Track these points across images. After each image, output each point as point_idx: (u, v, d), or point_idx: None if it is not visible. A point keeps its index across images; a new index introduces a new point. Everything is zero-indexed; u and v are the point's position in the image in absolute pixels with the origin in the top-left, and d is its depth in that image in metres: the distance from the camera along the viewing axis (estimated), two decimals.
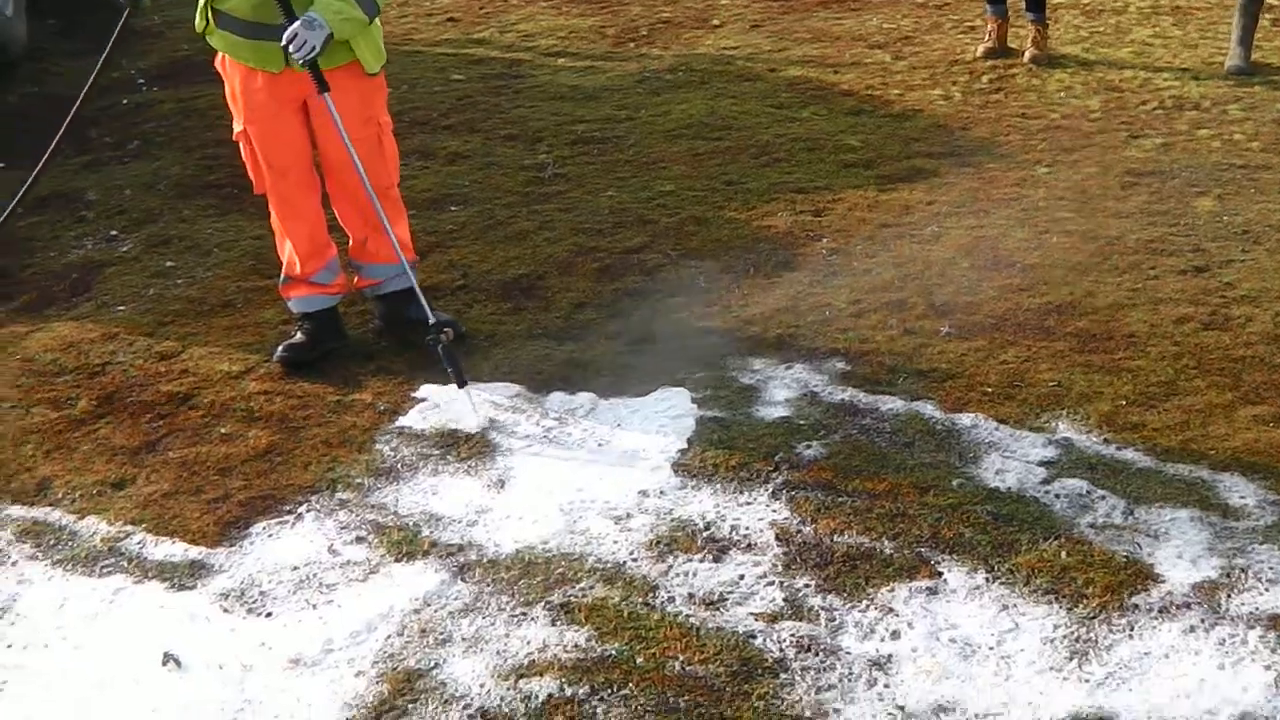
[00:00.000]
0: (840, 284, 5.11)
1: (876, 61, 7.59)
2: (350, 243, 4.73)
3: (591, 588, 3.57)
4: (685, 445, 4.14)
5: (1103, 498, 3.88)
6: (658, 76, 7.47)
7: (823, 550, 3.70)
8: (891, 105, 6.90)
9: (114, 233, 5.76)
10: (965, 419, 4.27)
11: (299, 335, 4.65)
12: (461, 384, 4.25)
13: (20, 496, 4.04)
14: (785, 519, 3.82)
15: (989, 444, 4.15)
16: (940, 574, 3.61)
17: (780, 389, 4.45)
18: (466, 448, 4.16)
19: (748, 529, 3.79)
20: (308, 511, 3.90)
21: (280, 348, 4.61)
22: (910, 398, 4.37)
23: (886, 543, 3.72)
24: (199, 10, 4.33)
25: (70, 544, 3.83)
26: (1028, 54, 7.43)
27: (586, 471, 4.05)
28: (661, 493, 3.94)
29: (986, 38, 7.61)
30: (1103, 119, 6.62)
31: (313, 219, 4.60)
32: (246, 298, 5.15)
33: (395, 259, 4.62)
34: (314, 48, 4.10)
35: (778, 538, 3.75)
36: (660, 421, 4.28)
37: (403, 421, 4.31)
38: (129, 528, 3.87)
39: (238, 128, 4.47)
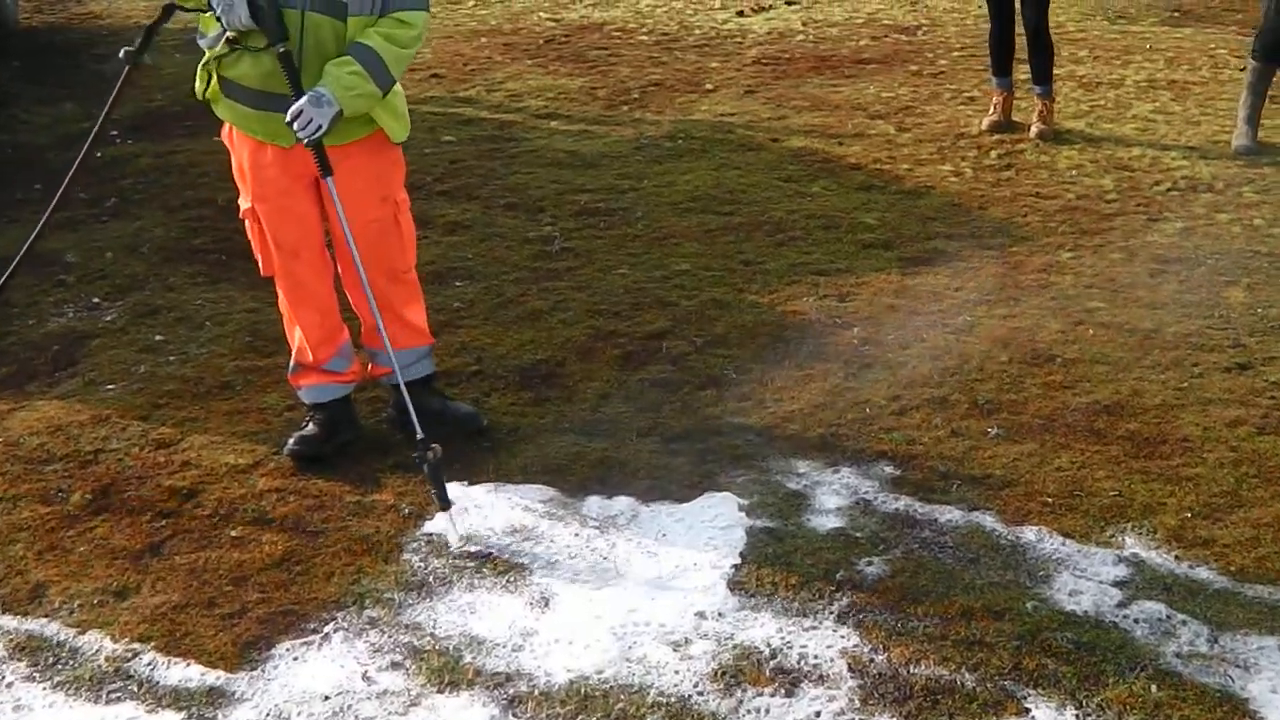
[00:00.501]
0: (877, 378, 4.87)
1: (880, 133, 7.41)
2: (363, 328, 4.41)
3: None
4: (739, 560, 3.87)
5: (1184, 623, 3.65)
6: (656, 144, 7.23)
7: (900, 683, 3.43)
8: (902, 181, 6.71)
9: (96, 300, 5.41)
10: (1029, 533, 4.03)
11: (311, 427, 4.32)
12: (445, 507, 3.94)
13: (12, 605, 3.68)
14: (855, 646, 3.55)
15: (1057, 561, 3.91)
16: (1028, 710, 3.36)
17: (830, 496, 4.19)
18: (503, 560, 3.85)
19: (817, 658, 3.51)
20: (335, 631, 3.57)
21: (292, 440, 4.28)
22: (968, 508, 4.13)
23: (966, 674, 3.45)
24: (199, 73, 4.01)
25: (71, 663, 3.47)
26: (1034, 129, 7.28)
27: (636, 590, 3.76)
28: (720, 615, 3.66)
29: (992, 110, 7.46)
30: (1119, 200, 6.46)
31: (325, 303, 4.28)
32: (246, 379, 4.81)
33: (413, 343, 4.33)
34: (320, 127, 3.80)
35: (850, 668, 3.48)
36: (709, 533, 4.00)
37: (430, 527, 4.00)
38: (136, 645, 3.52)
39: (245, 204, 4.16)
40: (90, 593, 3.71)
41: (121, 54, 4.16)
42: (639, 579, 3.80)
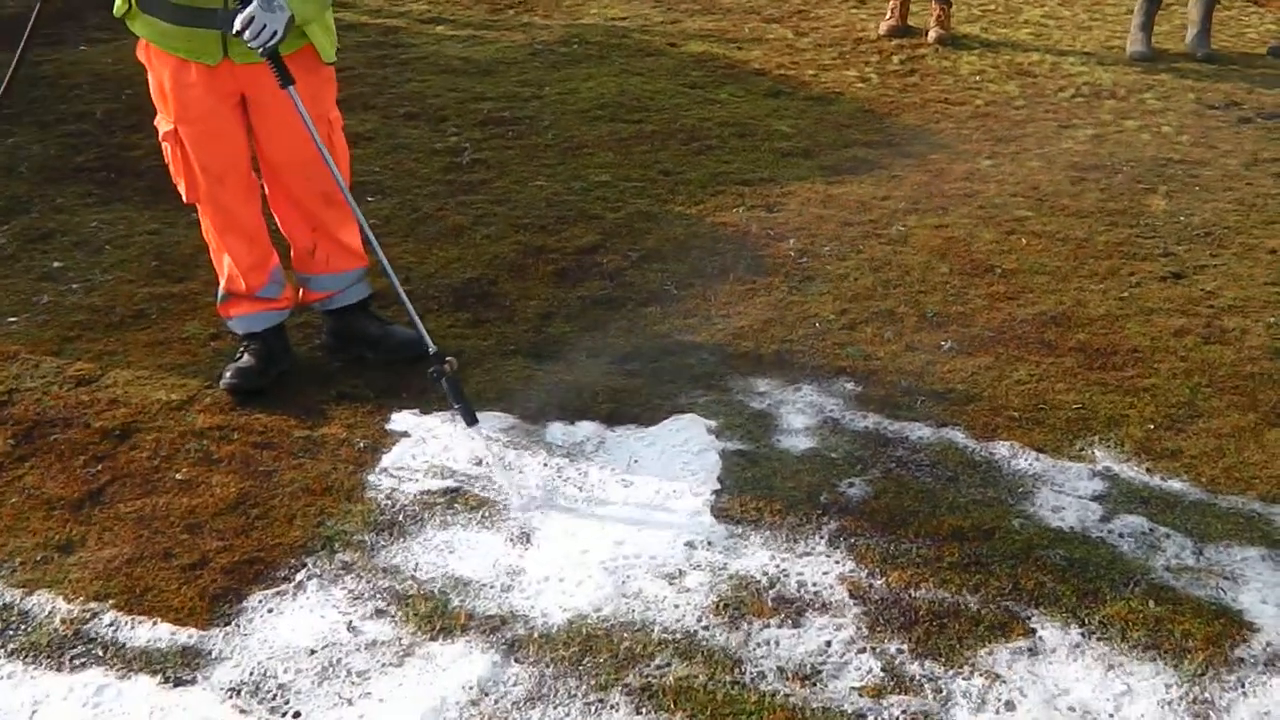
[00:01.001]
0: (821, 291, 4.74)
1: (779, 38, 7.24)
2: (293, 253, 4.11)
3: (668, 665, 3.12)
4: (718, 486, 3.72)
5: (1168, 536, 3.63)
6: (551, 49, 6.95)
7: (904, 608, 3.34)
8: (809, 87, 6.56)
9: None
10: (1001, 448, 3.96)
11: (246, 358, 4.02)
12: (472, 422, 3.69)
13: None
14: (852, 572, 3.44)
15: (1034, 477, 3.86)
16: (1034, 631, 3.30)
17: (796, 415, 4.06)
18: (474, 494, 3.63)
19: (816, 585, 3.40)
20: (308, 579, 3.33)
21: (228, 374, 3.98)
22: (936, 424, 4.05)
23: (968, 596, 3.37)
24: None
25: (23, 628, 3.17)
26: (933, 33, 7.20)
27: (619, 521, 3.59)
28: (709, 544, 3.51)
29: (889, 15, 7.36)
30: (1027, 107, 6.43)
31: (253, 228, 3.98)
32: (160, 307, 4.47)
33: (348, 267, 4.07)
34: (275, 33, 3.47)
35: (852, 595, 3.37)
36: (682, 458, 3.84)
37: (388, 460, 3.76)
38: (93, 604, 3.22)
39: (166, 127, 3.80)
40: (31, 549, 3.39)
41: None
42: (619, 509, 3.63)
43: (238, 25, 3.45)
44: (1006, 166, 5.76)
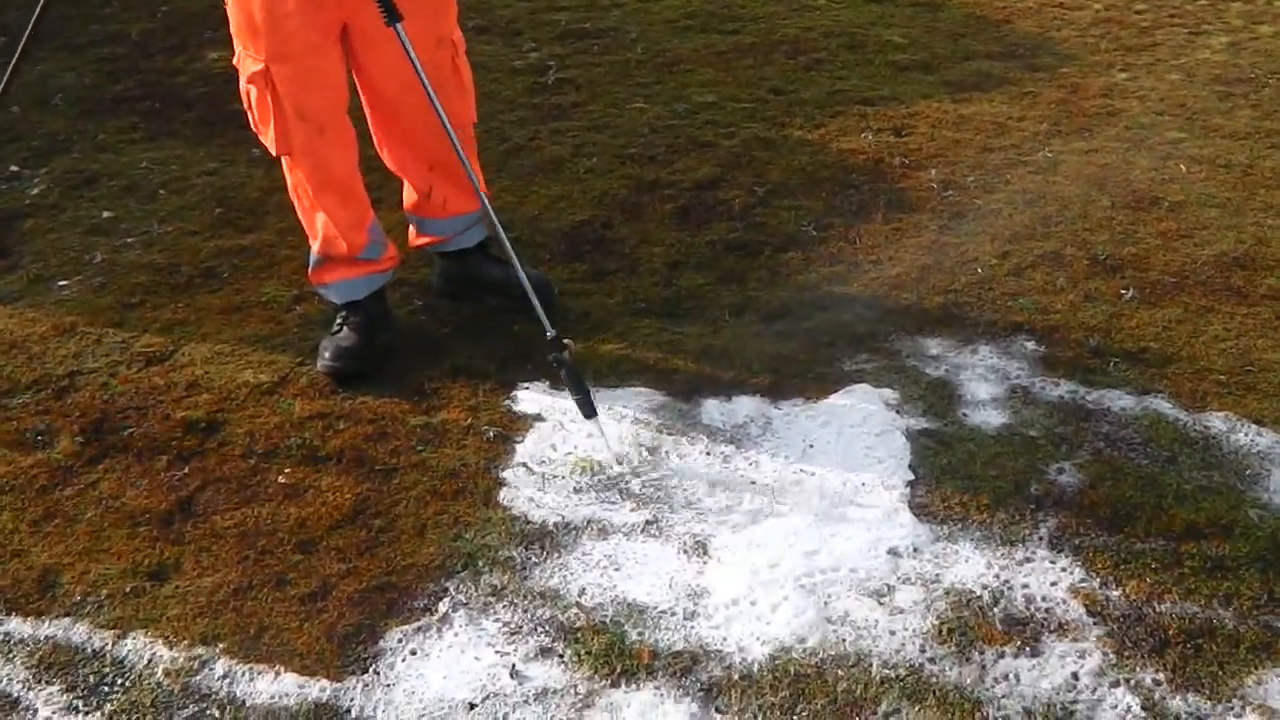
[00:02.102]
0: (975, 230, 4.19)
1: None
2: (407, 196, 3.56)
3: (898, 710, 2.63)
4: (911, 476, 3.20)
5: None
6: None
7: (1150, 626, 2.84)
8: None
9: (14, 168, 4.34)
10: (1215, 420, 3.44)
11: (345, 332, 3.47)
12: (590, 414, 3.16)
13: (19, 602, 2.82)
14: (1084, 582, 2.93)
15: (1259, 455, 3.35)
16: None
17: (979, 383, 3.54)
18: (633, 493, 3.10)
19: (1047, 600, 2.89)
20: (453, 609, 2.81)
21: (326, 353, 3.43)
22: (1138, 391, 3.53)
23: (1220, 609, 2.87)
24: None
25: (121, 682, 2.65)
26: None
27: (805, 524, 3.06)
28: (915, 550, 2.99)
29: None
30: (1150, 11, 5.84)
31: (352, 182, 3.44)
32: (232, 264, 3.91)
33: (468, 209, 3.60)
34: None
35: (1089, 611, 2.87)
36: (865, 441, 3.31)
37: (525, 452, 3.23)
38: (200, 650, 2.71)
39: (252, 67, 3.20)
40: (117, 576, 2.86)
41: None
42: (804, 508, 3.11)
43: None
44: (1145, 80, 5.17)
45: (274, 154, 3.33)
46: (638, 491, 3.12)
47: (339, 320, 3.49)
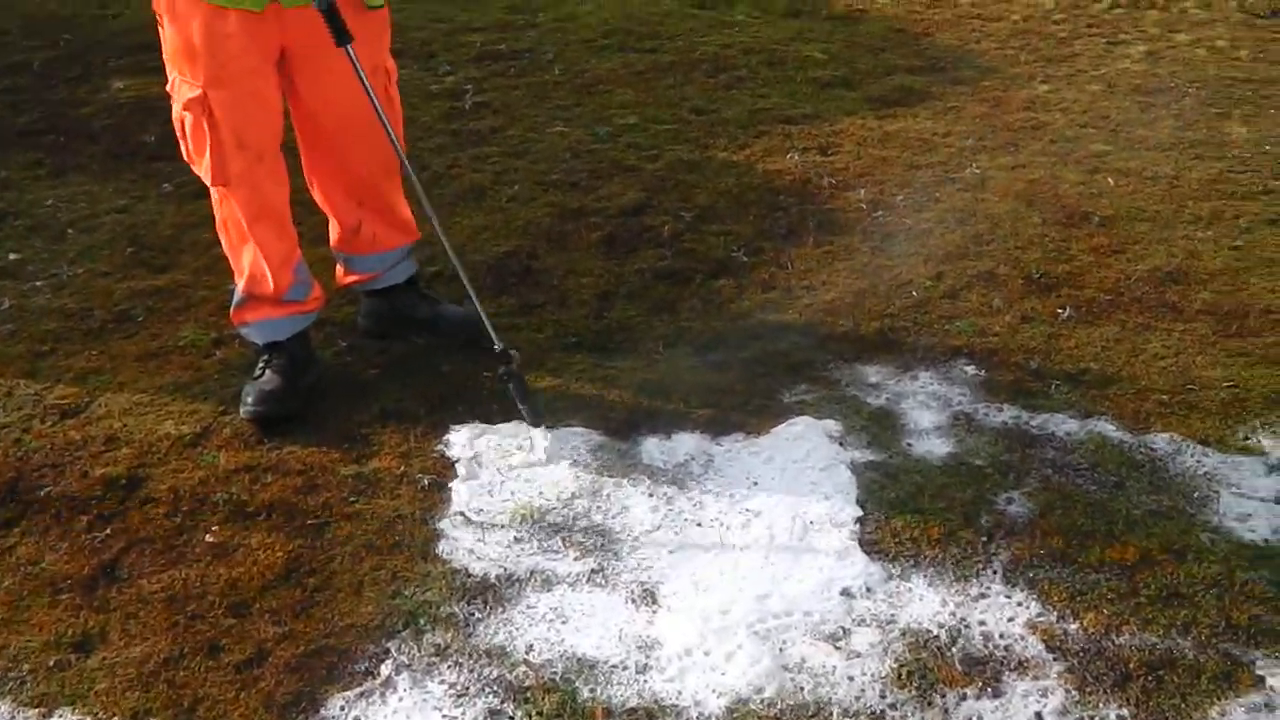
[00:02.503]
0: (909, 251, 4.14)
1: None
2: (335, 232, 3.43)
3: None
4: (859, 511, 3.12)
5: None
6: None
7: (1111, 660, 2.79)
8: (830, 3, 5.92)
9: None
10: (1160, 441, 3.42)
11: (268, 375, 3.33)
12: (536, 424, 3.18)
13: None
14: (1041, 616, 2.88)
15: (1206, 476, 3.32)
16: (1263, 679, 2.77)
17: (922, 411, 3.48)
18: (575, 538, 3.00)
19: (1005, 637, 2.83)
20: (396, 671, 2.68)
21: (249, 398, 3.29)
22: (1081, 413, 3.49)
23: (1179, 639, 2.83)
24: None
25: None
26: None
27: (754, 565, 2.98)
28: (869, 590, 2.92)
29: None
30: (1067, 21, 5.85)
31: (284, 215, 3.32)
32: (146, 306, 3.75)
33: (397, 244, 3.51)
34: None
35: (1048, 646, 2.81)
36: (810, 476, 3.24)
37: (461, 500, 3.11)
38: None
39: (188, 93, 3.08)
40: (41, 650, 2.70)
41: None
42: (751, 550, 3.02)
43: None
44: (1066, 92, 5.17)
45: (209, 184, 3.20)
46: (581, 539, 3.02)
47: (261, 363, 3.36)
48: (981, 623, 2.86)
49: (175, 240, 4.07)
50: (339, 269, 3.56)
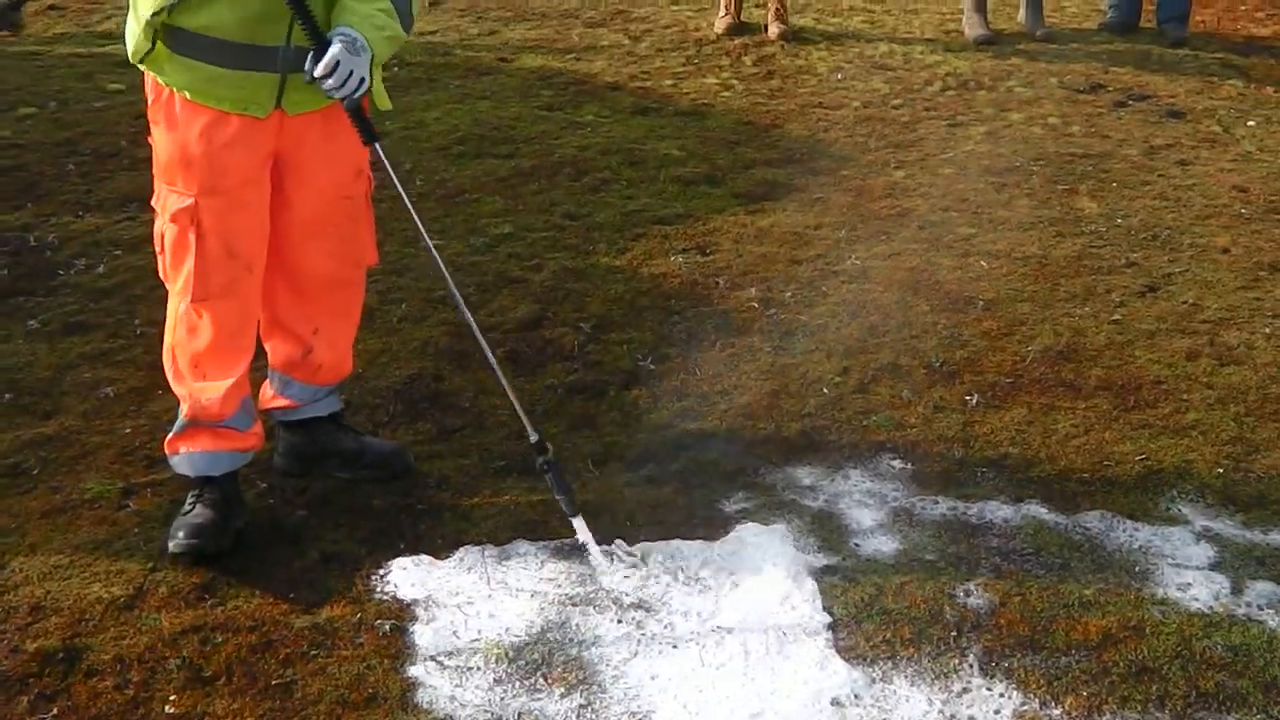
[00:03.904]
0: (810, 348, 4.18)
1: (614, 44, 6.62)
2: (283, 354, 3.32)
3: None
4: (828, 617, 3.11)
5: None
6: None
7: None
8: (674, 100, 5.98)
9: None
10: (1092, 520, 3.53)
11: (199, 509, 3.18)
12: (574, 513, 3.15)
13: None
14: (1024, 705, 2.92)
15: (1142, 551, 3.44)
16: None
17: (860, 510, 3.51)
18: (556, 673, 2.91)
19: None
20: None
21: (180, 533, 3.14)
22: (1012, 499, 3.58)
23: (1157, 714, 2.91)
24: (141, 28, 2.85)
25: None
26: (773, 29, 6.72)
27: (739, 684, 2.93)
28: (856, 698, 2.90)
29: (723, 12, 6.82)
30: (905, 106, 6.04)
31: (253, 336, 3.25)
32: (40, 457, 3.52)
33: (334, 380, 3.39)
34: (362, 80, 2.86)
35: None
36: (772, 587, 3.22)
37: (427, 643, 2.99)
38: None
39: (178, 204, 3.00)
40: None
41: None
42: (733, 668, 2.98)
43: (320, 70, 2.81)
44: (921, 177, 5.32)
45: (191, 301, 3.07)
46: (562, 674, 2.92)
47: (191, 498, 3.21)
48: (971, 718, 2.86)
49: (55, 382, 3.84)
50: (266, 389, 3.42)
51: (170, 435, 3.23)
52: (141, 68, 2.99)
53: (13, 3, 2.62)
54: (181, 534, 3.13)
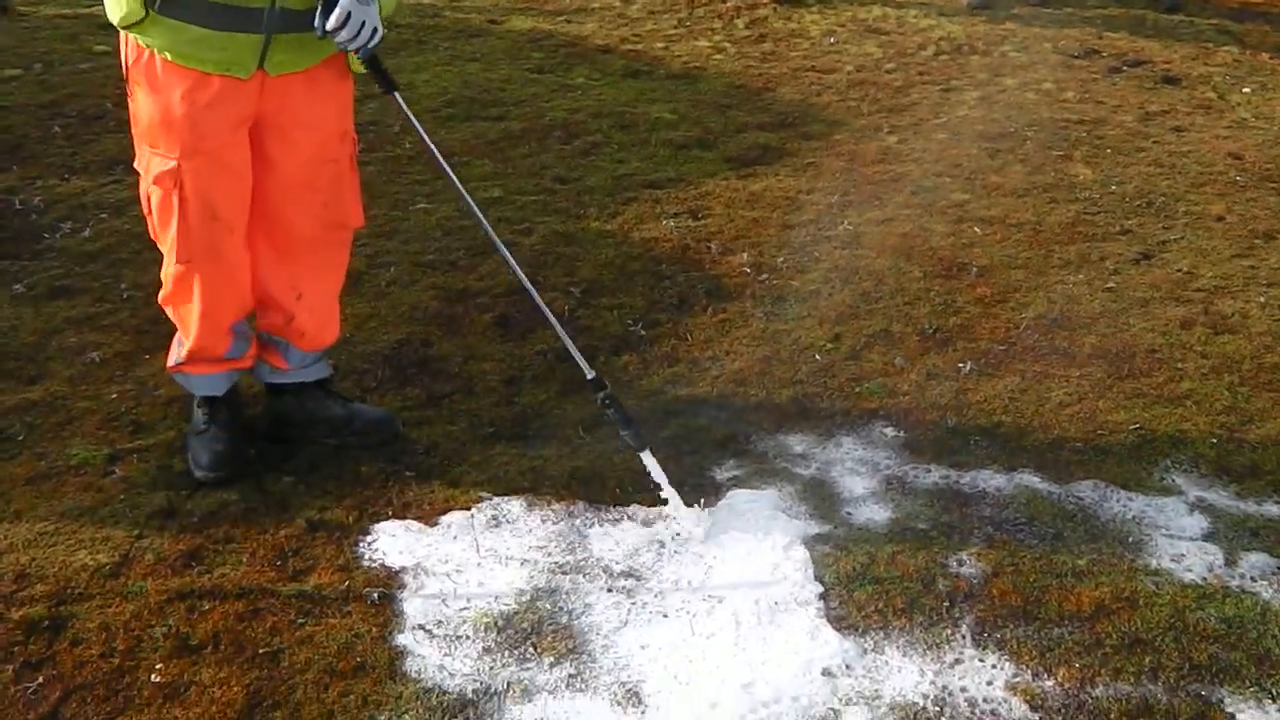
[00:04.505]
0: (802, 314, 4.14)
1: (606, 6, 6.57)
2: (268, 317, 3.32)
3: None
4: (819, 586, 3.08)
5: None
6: None
7: (1091, 713, 2.82)
8: (665, 63, 5.91)
9: None
10: (1085, 489, 3.50)
11: (213, 432, 3.26)
12: (642, 447, 3.20)
13: None
14: (1016, 677, 2.89)
15: (1136, 521, 3.41)
16: (1233, 716, 2.84)
17: (853, 478, 3.48)
18: (546, 643, 2.88)
19: (989, 700, 2.84)
20: None
21: (203, 459, 3.27)
22: (1005, 468, 3.55)
23: (1150, 685, 2.88)
24: None
25: None
26: None
27: (730, 652, 2.91)
28: (848, 668, 2.88)
29: None
30: (899, 70, 5.98)
31: (245, 288, 3.25)
32: (25, 423, 3.48)
33: (321, 344, 3.39)
34: (376, 30, 2.86)
35: (1031, 706, 2.82)
36: (764, 556, 3.20)
37: (416, 611, 2.96)
38: None
39: (161, 166, 3.00)
40: None
41: None
42: (724, 638, 2.95)
43: (331, 23, 2.80)
44: (915, 142, 5.27)
45: (176, 261, 3.10)
46: (551, 643, 2.90)
47: (204, 416, 3.31)
48: (964, 689, 2.85)
49: (40, 347, 3.80)
50: (254, 349, 3.40)
51: (170, 361, 3.32)
52: (124, 31, 2.94)
53: None
54: (205, 461, 3.24)
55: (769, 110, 5.47)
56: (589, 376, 3.21)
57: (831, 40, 6.26)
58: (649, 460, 3.21)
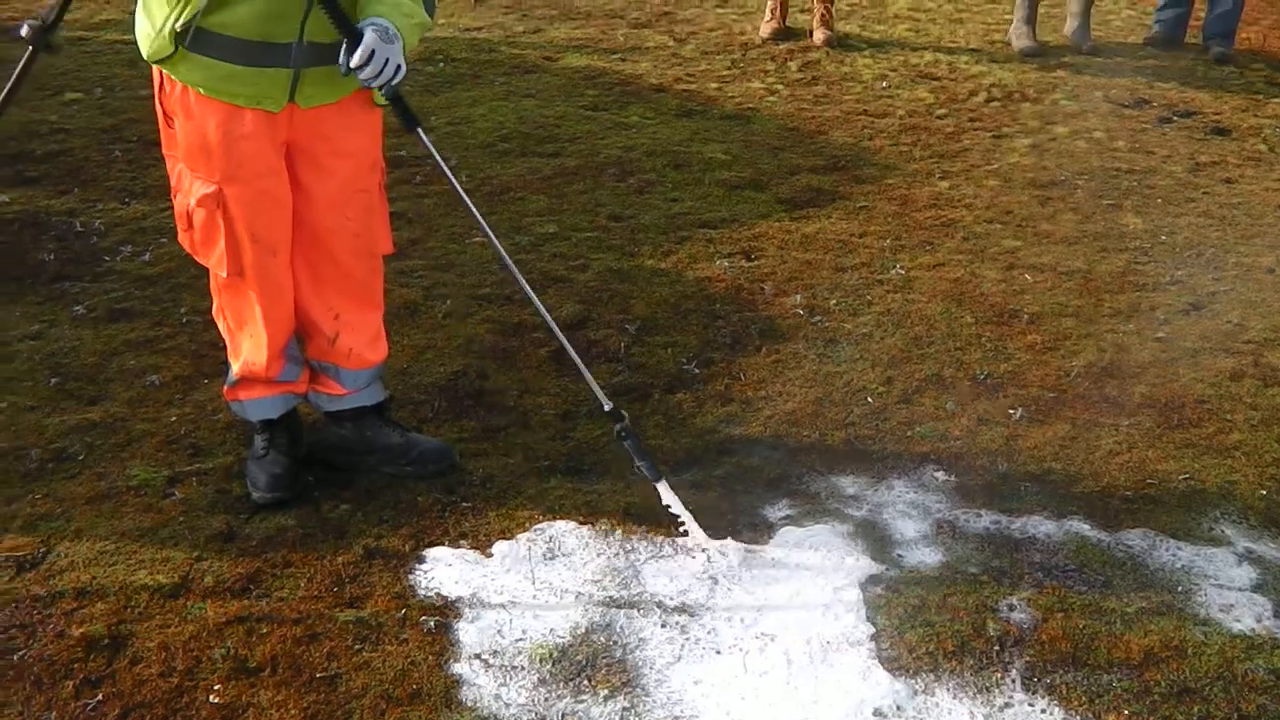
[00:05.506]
0: (854, 356, 4.17)
1: (659, 45, 6.61)
2: (313, 343, 3.37)
3: None
4: (871, 627, 3.10)
5: None
6: (415, 69, 6.10)
7: None
8: (719, 103, 5.96)
9: None
10: (1135, 538, 3.50)
11: (272, 455, 3.34)
12: (657, 478, 3.26)
13: None
14: None
15: (1184, 571, 3.41)
16: None
17: (904, 521, 3.49)
18: (600, 676, 2.91)
19: None
20: None
21: (260, 482, 3.33)
22: (1055, 514, 3.56)
23: None
24: (157, 29, 2.89)
25: None
26: (819, 35, 6.70)
27: (782, 692, 2.93)
28: (899, 709, 2.90)
29: (769, 16, 6.82)
30: (950, 116, 6.01)
31: (290, 306, 3.30)
32: (85, 442, 3.54)
33: (372, 362, 3.43)
34: (399, 68, 2.89)
35: None
36: (815, 595, 3.23)
37: (472, 641, 2.99)
38: None
39: (202, 190, 3.06)
40: None
41: (25, 29, 2.89)
42: (776, 676, 2.98)
43: (356, 60, 2.83)
44: (966, 188, 5.30)
45: (225, 275, 3.17)
46: (606, 676, 2.92)
47: (262, 442, 3.38)
48: None
49: (100, 368, 3.86)
50: (307, 374, 3.46)
51: (226, 386, 3.38)
52: (157, 66, 3.01)
53: (46, 25, 2.63)
54: (262, 483, 3.32)
55: (821, 153, 5.52)
56: (606, 408, 3.27)
57: (884, 84, 6.31)
58: (666, 492, 3.26)
